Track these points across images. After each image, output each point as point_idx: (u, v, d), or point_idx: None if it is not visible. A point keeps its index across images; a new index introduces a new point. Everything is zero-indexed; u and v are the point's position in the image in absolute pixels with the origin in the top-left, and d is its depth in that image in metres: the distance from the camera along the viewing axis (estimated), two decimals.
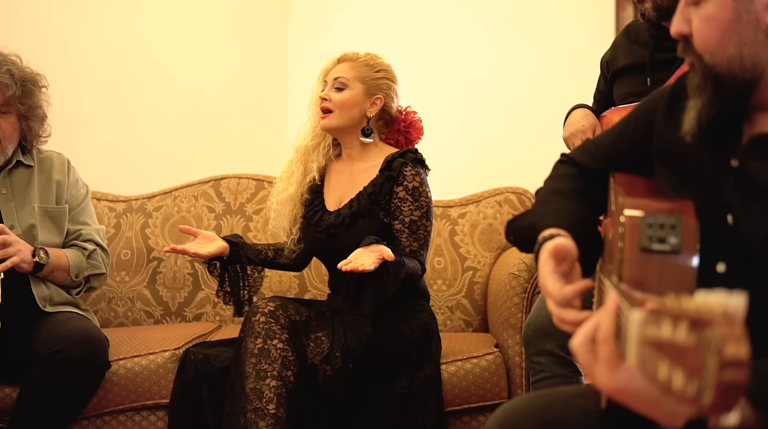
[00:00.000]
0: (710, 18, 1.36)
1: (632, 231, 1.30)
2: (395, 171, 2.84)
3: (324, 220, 2.96)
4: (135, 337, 3.24)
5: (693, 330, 0.86)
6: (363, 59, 3.00)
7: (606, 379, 1.11)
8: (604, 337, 1.10)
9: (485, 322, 3.51)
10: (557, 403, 1.53)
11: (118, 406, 2.99)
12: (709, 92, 1.39)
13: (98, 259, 3.16)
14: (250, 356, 2.61)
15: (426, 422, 2.74)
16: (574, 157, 1.78)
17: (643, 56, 2.73)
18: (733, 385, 0.83)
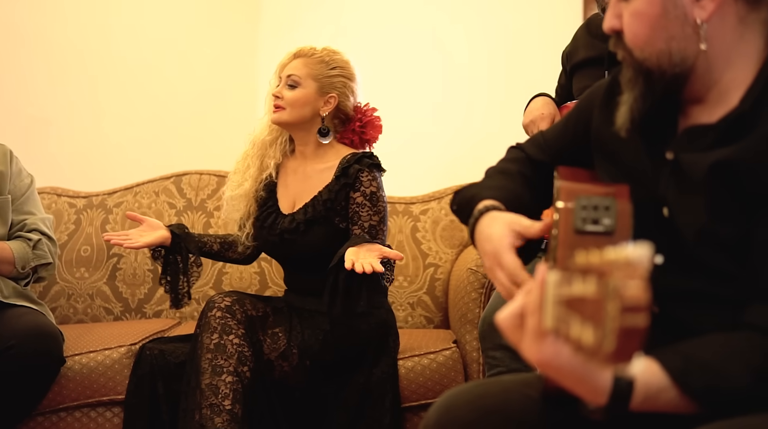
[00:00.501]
0: (639, 13, 1.37)
1: (567, 214, 1.30)
2: (351, 178, 2.81)
3: (278, 223, 2.92)
4: (92, 332, 3.22)
5: (600, 282, 0.86)
6: (318, 56, 2.94)
7: (532, 352, 1.11)
8: (532, 308, 1.09)
9: (446, 319, 3.51)
10: (498, 391, 1.52)
11: (73, 402, 2.96)
12: (641, 87, 1.40)
13: (44, 249, 3.11)
14: (206, 352, 2.59)
15: (383, 418, 2.74)
16: (524, 147, 1.80)
17: (602, 50, 2.74)
18: (633, 330, 0.83)
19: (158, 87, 4.88)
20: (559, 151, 1.70)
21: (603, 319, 0.84)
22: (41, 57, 4.39)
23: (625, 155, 1.48)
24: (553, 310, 0.99)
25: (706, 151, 1.33)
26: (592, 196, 1.29)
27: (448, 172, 4.45)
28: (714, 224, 1.31)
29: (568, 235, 1.28)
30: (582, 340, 0.89)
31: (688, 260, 1.34)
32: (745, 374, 1.20)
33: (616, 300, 0.82)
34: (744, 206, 1.29)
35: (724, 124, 1.33)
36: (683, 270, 1.34)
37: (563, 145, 1.70)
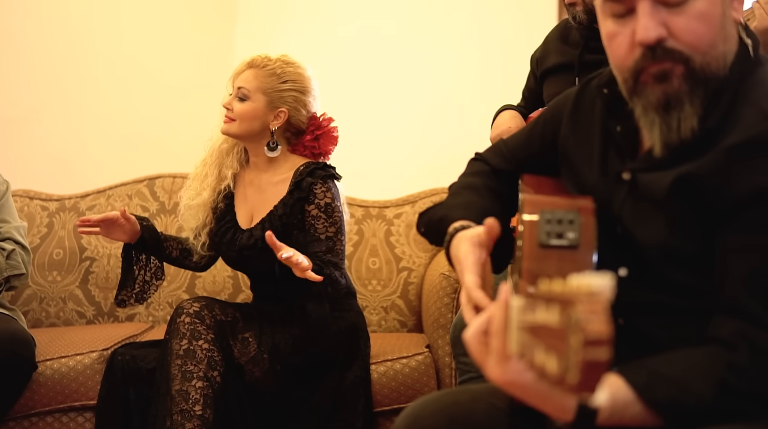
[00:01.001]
0: (705, 15, 1.30)
1: (531, 227, 1.31)
2: (305, 191, 2.78)
3: (237, 239, 2.89)
4: (63, 337, 3.20)
5: (562, 311, 0.87)
6: (270, 68, 2.87)
7: (497, 372, 1.12)
8: (496, 329, 1.10)
9: (420, 323, 3.52)
10: (465, 400, 1.53)
11: (44, 408, 2.96)
12: (701, 96, 1.33)
13: (17, 259, 3.08)
14: (175, 357, 2.58)
15: (355, 422, 2.74)
16: (486, 157, 1.79)
17: (572, 56, 2.76)
18: (596, 363, 0.83)
19: (132, 89, 4.85)
20: (524, 159, 1.70)
21: (566, 351, 0.84)
22: (12, 58, 4.36)
23: (583, 171, 1.49)
24: (517, 335, 1.00)
25: (667, 168, 1.33)
26: (556, 209, 1.30)
27: (422, 176, 4.45)
28: (675, 240, 1.32)
29: (532, 249, 1.29)
30: (546, 368, 0.89)
31: (650, 274, 1.35)
32: (708, 388, 1.21)
33: (579, 333, 0.83)
34: (705, 220, 1.29)
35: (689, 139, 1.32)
36: (646, 283, 1.35)
37: (528, 154, 1.69)
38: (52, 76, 4.53)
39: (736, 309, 1.26)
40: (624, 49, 1.36)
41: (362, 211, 3.72)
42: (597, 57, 2.66)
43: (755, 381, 1.22)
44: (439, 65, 4.82)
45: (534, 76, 2.97)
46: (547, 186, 1.52)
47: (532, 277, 1.26)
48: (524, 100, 3.03)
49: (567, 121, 1.57)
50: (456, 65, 4.78)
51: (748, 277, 1.25)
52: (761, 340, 1.23)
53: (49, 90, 4.51)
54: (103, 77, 4.72)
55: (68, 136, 4.58)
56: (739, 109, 1.31)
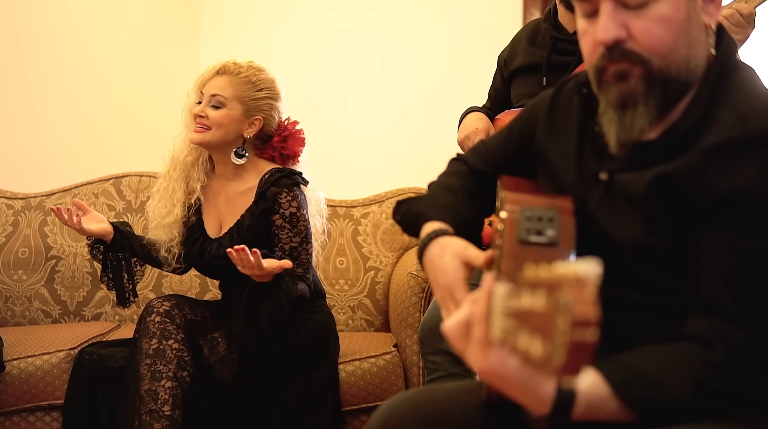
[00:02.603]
0: (665, 18, 1.32)
1: (511, 224, 1.32)
2: (269, 201, 2.75)
3: (206, 248, 2.87)
4: (30, 336, 3.19)
5: (549, 296, 0.88)
6: (245, 75, 2.83)
7: (478, 361, 1.13)
8: (479, 318, 1.11)
9: (387, 322, 3.53)
10: (440, 399, 1.54)
11: (11, 407, 2.94)
12: (657, 98, 1.35)
13: None
14: (144, 357, 2.58)
15: (323, 422, 2.75)
16: (466, 158, 1.81)
17: (540, 57, 2.77)
18: (583, 344, 0.85)
19: (97, 87, 4.83)
20: (502, 160, 1.71)
21: (552, 333, 0.86)
22: None
23: (559, 171, 1.51)
24: (500, 321, 1.01)
25: (645, 168, 1.36)
26: (536, 207, 1.32)
27: (389, 176, 4.47)
28: (651, 239, 1.34)
29: (512, 246, 1.31)
30: (530, 352, 0.91)
31: (625, 273, 1.37)
32: (685, 386, 1.23)
33: (567, 315, 0.84)
34: (681, 220, 1.32)
35: (665, 140, 1.35)
36: (620, 282, 1.37)
37: (506, 155, 1.71)
38: (16, 74, 4.49)
39: (712, 307, 1.28)
40: (589, 48, 1.40)
41: (329, 210, 3.71)
42: (564, 59, 2.69)
43: (731, 380, 1.24)
44: (406, 65, 4.83)
45: (501, 76, 2.98)
46: (525, 186, 1.54)
47: (511, 272, 1.28)
48: (490, 100, 3.04)
49: (543, 122, 1.59)
50: (423, 66, 4.80)
51: (725, 276, 1.28)
52: (737, 339, 1.25)
53: (11, 87, 4.48)
54: (68, 76, 4.69)
55: (33, 135, 4.55)
56: (717, 112, 1.33)
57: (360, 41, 4.94)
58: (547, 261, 1.29)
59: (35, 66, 4.55)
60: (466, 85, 4.60)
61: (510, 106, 2.89)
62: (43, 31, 4.59)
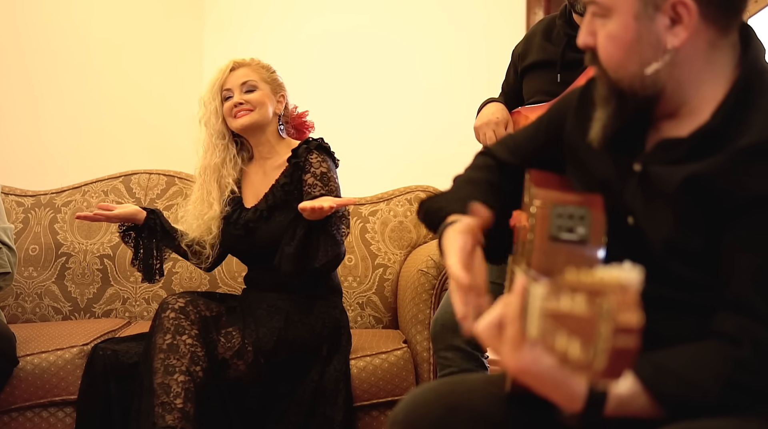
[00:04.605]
0: (613, 37, 1.39)
1: (542, 220, 1.34)
2: (301, 158, 2.90)
3: (242, 216, 2.99)
4: (43, 333, 3.20)
5: (590, 301, 0.90)
6: (256, 62, 3.05)
7: (511, 360, 1.16)
8: (512, 317, 1.14)
9: (395, 319, 3.55)
10: (464, 389, 1.56)
11: (25, 403, 2.95)
12: (614, 106, 1.44)
13: (3, 259, 3.06)
14: (158, 352, 2.61)
15: (335, 416, 2.77)
16: (493, 150, 1.82)
17: (554, 54, 2.78)
18: (625, 350, 0.87)
19: (104, 85, 4.86)
20: (530, 154, 1.72)
21: (594, 338, 0.88)
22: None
23: (593, 164, 1.53)
24: (538, 321, 1.03)
25: (676, 164, 1.38)
26: (568, 205, 1.34)
27: (397, 173, 4.50)
28: (681, 236, 1.36)
29: (542, 242, 1.33)
30: (568, 354, 0.93)
31: (655, 268, 1.38)
32: (714, 384, 1.25)
33: (610, 321, 0.86)
34: (711, 219, 1.33)
35: (695, 139, 1.37)
36: (650, 277, 1.39)
37: (534, 148, 1.72)
38: (25, 72, 4.52)
39: (741, 305, 1.30)
40: None
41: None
42: (578, 56, 2.69)
43: (758, 377, 1.26)
44: (415, 64, 4.86)
45: (514, 71, 2.97)
46: (553, 182, 1.56)
47: (542, 270, 1.30)
48: (503, 94, 3.04)
49: (573, 116, 1.61)
50: (432, 64, 4.82)
51: (754, 275, 1.29)
52: (765, 337, 1.26)
53: (22, 86, 4.50)
54: (75, 75, 4.72)
55: (43, 132, 4.58)
56: (748, 114, 1.35)
57: (363, 40, 4.97)
58: (577, 258, 1.32)
59: (42, 66, 4.58)
60: (473, 82, 4.63)
61: (521, 101, 2.89)
62: (48, 31, 4.62)
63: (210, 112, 3.00)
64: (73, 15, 4.76)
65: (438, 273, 3.10)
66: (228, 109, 2.97)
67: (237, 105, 2.95)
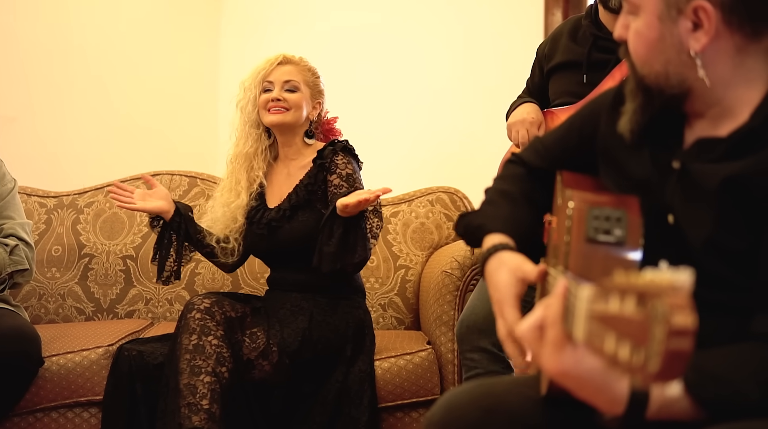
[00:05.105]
0: (639, 33, 1.42)
1: (578, 222, 1.35)
2: (327, 159, 2.91)
3: (265, 216, 3.00)
4: (67, 333, 3.21)
5: (641, 303, 0.89)
6: (305, 64, 3.08)
7: (552, 363, 1.16)
8: (553, 319, 1.14)
9: (417, 320, 3.55)
10: (499, 391, 1.56)
11: (50, 403, 2.96)
12: (640, 100, 1.45)
13: (21, 255, 3.08)
14: (184, 352, 2.61)
15: (360, 416, 2.78)
16: (522, 156, 1.82)
17: (580, 54, 2.76)
18: (679, 353, 0.86)
19: (125, 86, 4.87)
20: (560, 157, 1.72)
21: (648, 340, 0.87)
22: (7, 55, 4.36)
23: (630, 163, 1.52)
24: (585, 323, 1.02)
25: (715, 163, 1.38)
26: (604, 207, 1.34)
27: (418, 175, 4.50)
28: (721, 235, 1.35)
29: (579, 244, 1.33)
30: (618, 356, 0.93)
31: (696, 267, 1.38)
32: (754, 386, 1.24)
33: (664, 324, 0.86)
34: (751, 219, 1.33)
35: (735, 139, 1.37)
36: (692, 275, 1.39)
37: (565, 151, 1.72)
38: (48, 73, 4.54)
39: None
40: None
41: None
42: (604, 56, 2.69)
43: None
44: (434, 62, 4.86)
45: (540, 70, 2.96)
46: (586, 183, 1.56)
47: (579, 272, 1.30)
48: (528, 92, 3.03)
49: (607, 116, 1.61)
50: (451, 62, 4.82)
51: None
52: None
53: (45, 87, 4.53)
54: (99, 74, 4.74)
55: (65, 134, 4.60)
56: None
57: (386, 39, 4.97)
58: (614, 260, 1.32)
59: (64, 68, 4.60)
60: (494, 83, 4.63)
61: (547, 101, 2.89)
62: (67, 33, 4.65)
63: (248, 99, 3.03)
64: (97, 18, 4.78)
65: (462, 274, 3.10)
66: (264, 101, 2.99)
67: (274, 100, 2.97)
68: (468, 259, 3.10)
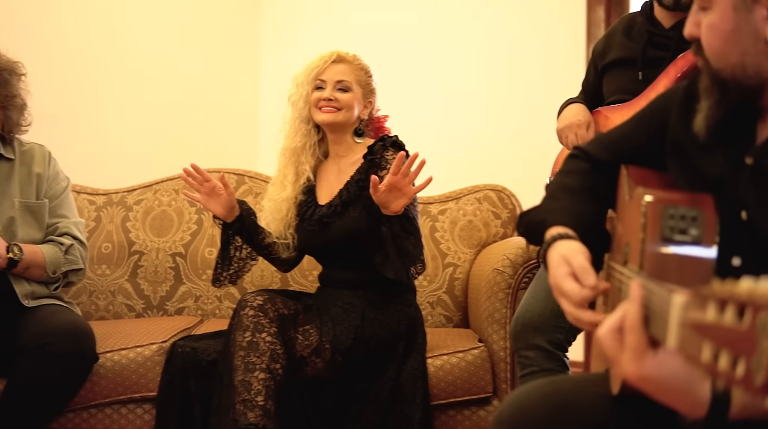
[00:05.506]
0: (713, 27, 1.41)
1: (653, 221, 1.34)
2: (377, 155, 2.92)
3: (316, 212, 3.01)
4: (120, 330, 3.23)
5: (742, 313, 0.88)
6: (358, 62, 3.08)
7: (632, 368, 1.15)
8: (632, 325, 1.13)
9: (465, 318, 3.55)
10: (569, 389, 1.56)
11: (104, 399, 2.98)
12: (716, 96, 1.44)
13: (76, 255, 3.11)
14: (238, 349, 2.62)
15: (413, 414, 2.77)
16: (586, 149, 1.81)
17: (635, 51, 2.74)
18: None
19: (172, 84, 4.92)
20: (627, 151, 1.71)
21: (754, 352, 0.86)
22: (59, 54, 4.40)
23: (703, 160, 1.51)
24: (678, 331, 1.01)
25: None
26: (680, 205, 1.33)
27: (466, 172, 4.48)
28: None
29: (654, 243, 1.33)
30: (718, 366, 0.91)
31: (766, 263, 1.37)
32: None
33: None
34: None
35: None
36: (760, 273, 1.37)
37: (634, 145, 1.71)
38: (91, 71, 4.58)
39: None
40: None
41: None
42: (660, 53, 2.67)
43: None
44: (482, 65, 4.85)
45: (594, 69, 2.94)
46: (653, 179, 1.55)
47: (654, 272, 1.29)
48: (583, 92, 3.01)
49: (678, 112, 1.59)
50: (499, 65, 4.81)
51: None
52: None
53: (88, 86, 4.57)
54: (146, 72, 4.78)
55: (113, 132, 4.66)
56: None
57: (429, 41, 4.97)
58: (690, 260, 1.30)
59: (112, 67, 4.65)
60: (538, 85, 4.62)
61: (602, 100, 2.87)
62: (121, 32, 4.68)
63: (299, 95, 3.04)
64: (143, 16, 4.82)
65: (514, 272, 3.08)
66: (315, 100, 3.01)
67: (325, 100, 2.98)
68: (520, 257, 3.09)
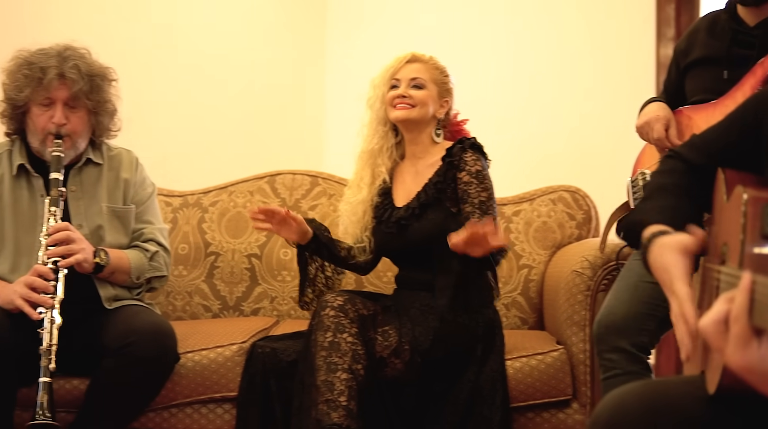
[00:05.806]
0: None
1: (753, 219, 1.33)
2: (456, 157, 2.93)
3: (394, 214, 3.02)
4: (199, 330, 3.26)
5: None
6: (433, 63, 3.10)
7: (737, 357, 1.13)
8: (738, 314, 1.11)
9: (540, 320, 3.53)
10: (664, 390, 1.55)
11: (185, 399, 3.00)
12: None
13: (160, 262, 3.15)
14: (320, 349, 2.63)
15: (493, 416, 2.76)
16: (680, 152, 1.80)
17: (719, 49, 2.71)
18: None
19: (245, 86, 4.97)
20: (720, 153, 1.70)
21: None
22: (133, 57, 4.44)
23: None
24: None
25: None
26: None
27: (540, 173, 4.46)
28: None
29: (755, 241, 1.32)
30: None
31: None
32: None
33: None
34: None
35: None
36: None
37: (727, 144, 1.69)
38: (172, 77, 4.64)
39: None
40: None
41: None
42: (745, 52, 2.63)
43: None
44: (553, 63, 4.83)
45: (676, 68, 2.91)
46: (751, 180, 1.54)
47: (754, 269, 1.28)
48: (665, 92, 2.98)
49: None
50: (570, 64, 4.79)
51: None
52: None
53: (169, 87, 4.62)
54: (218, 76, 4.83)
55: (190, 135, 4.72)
56: None
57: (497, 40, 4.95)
58: None
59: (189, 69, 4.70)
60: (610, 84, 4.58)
61: (683, 100, 2.84)
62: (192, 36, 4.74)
63: (376, 97, 3.08)
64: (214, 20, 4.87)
65: (593, 274, 3.05)
66: (390, 98, 3.04)
67: (400, 97, 3.01)
68: (599, 259, 3.06)
